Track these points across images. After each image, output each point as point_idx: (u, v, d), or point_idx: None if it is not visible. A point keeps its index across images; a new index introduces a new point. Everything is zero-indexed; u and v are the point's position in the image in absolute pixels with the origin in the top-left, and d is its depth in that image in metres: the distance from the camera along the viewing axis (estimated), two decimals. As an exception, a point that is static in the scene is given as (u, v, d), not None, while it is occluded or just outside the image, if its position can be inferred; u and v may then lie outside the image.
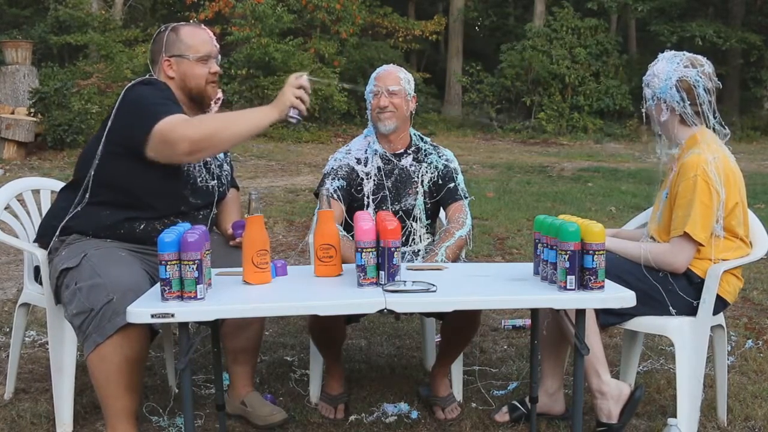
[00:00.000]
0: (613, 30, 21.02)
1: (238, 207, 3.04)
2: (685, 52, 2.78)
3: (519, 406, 2.89)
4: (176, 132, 2.45)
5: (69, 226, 2.67)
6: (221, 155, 2.93)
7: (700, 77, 2.69)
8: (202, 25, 2.85)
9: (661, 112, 2.73)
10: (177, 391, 3.18)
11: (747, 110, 20.94)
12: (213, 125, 2.51)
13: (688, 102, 2.69)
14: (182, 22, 2.86)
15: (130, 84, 2.70)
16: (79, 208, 2.66)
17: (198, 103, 2.79)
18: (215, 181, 2.85)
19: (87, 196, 2.66)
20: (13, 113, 11.92)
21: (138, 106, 2.57)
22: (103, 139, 2.65)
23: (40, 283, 2.82)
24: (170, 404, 3.04)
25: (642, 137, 17.04)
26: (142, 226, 2.66)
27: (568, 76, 18.28)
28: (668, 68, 2.71)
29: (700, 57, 2.76)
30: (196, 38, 2.76)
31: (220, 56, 2.84)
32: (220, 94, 2.84)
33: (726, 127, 2.75)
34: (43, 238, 2.76)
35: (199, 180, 2.77)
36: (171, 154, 2.50)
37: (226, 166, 2.97)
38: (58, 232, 2.67)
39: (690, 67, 2.70)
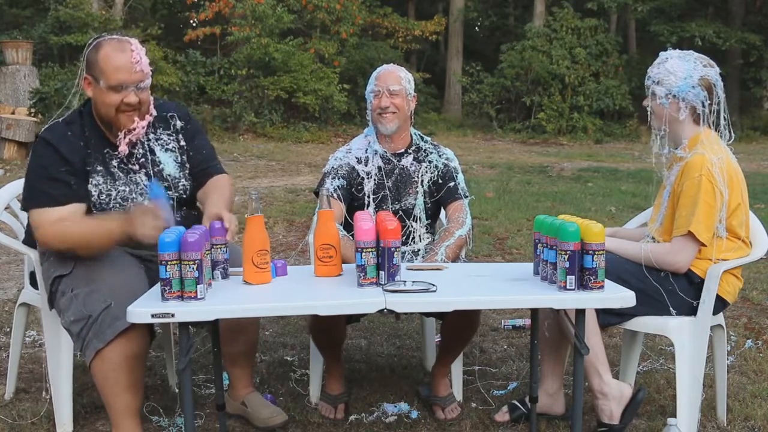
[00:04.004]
0: (613, 30, 21.02)
1: (223, 191, 2.74)
2: (692, 51, 2.77)
3: (519, 405, 2.89)
4: (37, 231, 2.55)
5: None
6: (175, 173, 2.72)
7: (718, 77, 2.70)
8: (132, 44, 2.55)
9: (678, 111, 2.70)
10: (177, 391, 3.18)
11: (747, 110, 20.94)
12: (73, 242, 2.51)
13: (708, 101, 2.69)
14: (113, 37, 2.58)
15: (40, 134, 2.63)
16: None
17: (109, 129, 2.63)
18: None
19: None
20: (13, 113, 11.93)
21: (26, 177, 2.63)
22: None
23: (37, 287, 2.81)
24: (170, 404, 3.04)
25: (642, 137, 17.05)
26: None
27: (568, 76, 18.28)
28: (687, 67, 2.69)
29: (707, 57, 2.77)
30: (112, 63, 2.50)
31: (147, 81, 2.57)
32: (136, 124, 2.59)
33: (731, 129, 2.74)
34: (29, 236, 2.77)
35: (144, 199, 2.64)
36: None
37: (183, 182, 2.75)
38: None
39: (709, 67, 2.70)
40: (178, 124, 2.79)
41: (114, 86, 2.52)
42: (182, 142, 2.78)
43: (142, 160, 2.68)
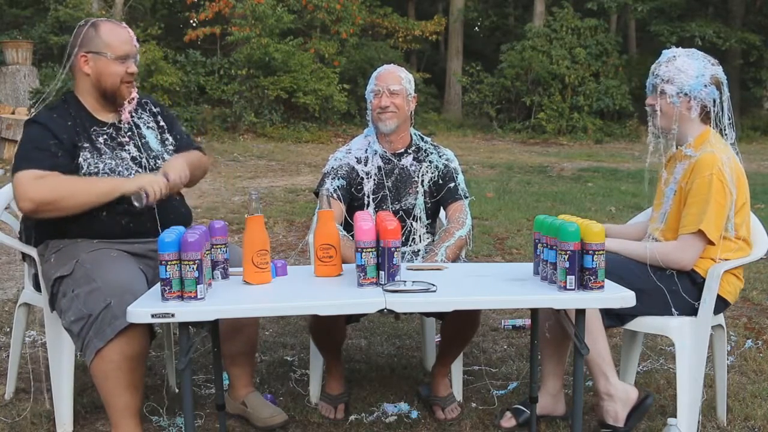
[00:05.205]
0: (613, 30, 21.02)
1: (189, 154, 2.88)
2: (696, 50, 2.76)
3: (524, 409, 2.86)
4: (21, 189, 2.53)
5: (45, 230, 2.68)
6: (158, 147, 2.85)
7: (724, 76, 2.71)
8: (123, 23, 2.82)
9: (690, 110, 2.70)
10: (177, 391, 3.18)
11: (747, 110, 20.95)
12: (59, 192, 2.53)
13: (719, 100, 2.70)
14: (102, 18, 2.80)
15: (29, 117, 2.74)
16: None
17: (111, 102, 2.77)
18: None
19: None
20: (13, 113, 11.92)
21: (17, 148, 2.67)
22: None
23: (39, 289, 2.81)
24: (170, 404, 3.04)
25: (642, 137, 17.05)
26: (104, 214, 2.63)
27: (568, 76, 18.28)
28: (698, 65, 2.68)
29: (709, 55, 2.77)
30: (116, 37, 2.72)
31: (138, 56, 2.82)
32: (134, 94, 2.81)
33: (733, 129, 2.74)
34: (24, 234, 2.78)
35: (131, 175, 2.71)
36: (19, 207, 2.60)
37: (166, 156, 2.85)
38: (33, 239, 2.72)
39: (717, 65, 2.71)
40: (153, 108, 2.97)
41: (122, 56, 2.72)
42: (161, 123, 2.94)
43: (129, 133, 2.81)
